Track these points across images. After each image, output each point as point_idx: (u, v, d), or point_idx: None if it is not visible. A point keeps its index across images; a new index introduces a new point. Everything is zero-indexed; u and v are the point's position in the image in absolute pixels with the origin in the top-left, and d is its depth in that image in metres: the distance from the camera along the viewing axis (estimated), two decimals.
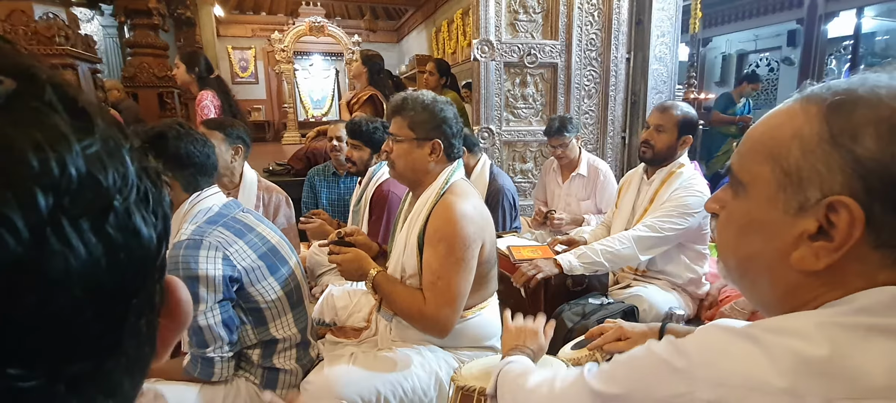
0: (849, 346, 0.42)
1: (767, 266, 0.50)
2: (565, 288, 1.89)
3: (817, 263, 0.46)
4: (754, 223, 0.51)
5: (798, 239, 0.47)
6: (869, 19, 8.14)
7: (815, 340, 0.42)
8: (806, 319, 0.45)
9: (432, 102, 1.35)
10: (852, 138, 0.43)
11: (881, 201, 0.43)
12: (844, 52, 8.87)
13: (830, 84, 0.48)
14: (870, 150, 0.43)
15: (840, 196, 0.44)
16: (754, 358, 0.44)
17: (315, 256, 2.35)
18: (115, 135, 0.23)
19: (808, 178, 0.46)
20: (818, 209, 0.45)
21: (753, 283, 0.54)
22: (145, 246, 0.23)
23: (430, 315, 1.28)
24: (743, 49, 10.49)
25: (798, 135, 0.47)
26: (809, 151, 0.46)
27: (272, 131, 8.62)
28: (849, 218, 0.43)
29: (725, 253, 0.57)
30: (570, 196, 2.71)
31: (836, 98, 0.46)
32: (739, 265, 0.55)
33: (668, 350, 0.50)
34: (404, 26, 8.59)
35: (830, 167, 0.44)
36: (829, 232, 0.45)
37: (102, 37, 6.92)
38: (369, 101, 3.35)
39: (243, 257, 1.27)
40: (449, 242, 1.26)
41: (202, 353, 1.23)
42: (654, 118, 1.89)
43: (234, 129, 2.00)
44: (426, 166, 1.36)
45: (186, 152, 1.27)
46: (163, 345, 0.30)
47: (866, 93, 0.45)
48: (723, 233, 0.56)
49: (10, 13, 4.31)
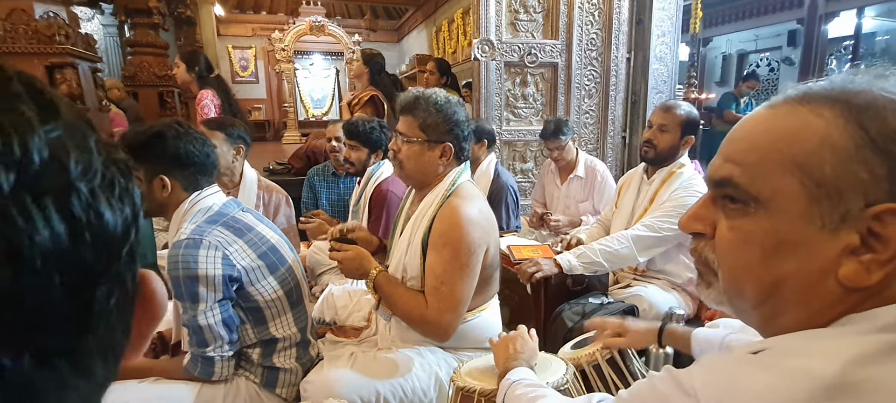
0: (868, 367, 0.39)
1: (803, 287, 0.46)
2: (565, 287, 1.89)
3: (870, 278, 0.42)
4: (786, 244, 0.45)
5: (840, 255, 0.43)
6: (869, 19, 8.13)
7: (832, 362, 0.40)
8: (819, 341, 0.43)
9: (446, 103, 1.31)
10: (895, 141, 0.41)
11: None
12: (845, 52, 8.87)
13: (818, 85, 0.46)
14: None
15: (891, 204, 0.40)
16: (767, 387, 0.41)
17: (315, 255, 2.35)
18: (80, 126, 0.24)
19: (848, 188, 0.42)
20: (862, 220, 0.42)
21: (773, 309, 0.48)
22: (109, 228, 0.24)
23: (432, 319, 1.27)
24: (743, 49, 10.49)
25: (827, 141, 0.43)
26: (848, 159, 0.42)
27: (272, 130, 8.62)
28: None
29: (742, 280, 0.49)
30: (569, 197, 2.71)
31: (853, 97, 0.43)
32: (764, 290, 0.48)
33: (672, 387, 0.47)
34: (405, 26, 8.59)
35: (875, 174, 0.41)
36: (870, 244, 0.42)
37: (103, 36, 6.92)
38: (370, 102, 3.34)
39: (243, 256, 1.27)
40: (454, 247, 1.25)
41: (202, 352, 1.23)
42: (658, 117, 1.88)
43: (235, 129, 2.01)
44: (435, 169, 1.34)
45: (186, 152, 1.27)
46: (139, 336, 0.30)
47: (880, 93, 0.43)
48: (736, 258, 0.49)
49: (10, 12, 4.30)
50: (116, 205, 0.25)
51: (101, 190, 0.24)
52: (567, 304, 1.79)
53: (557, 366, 1.14)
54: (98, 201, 0.23)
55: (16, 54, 4.29)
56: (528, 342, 1.09)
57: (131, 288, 0.28)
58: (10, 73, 0.23)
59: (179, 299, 1.21)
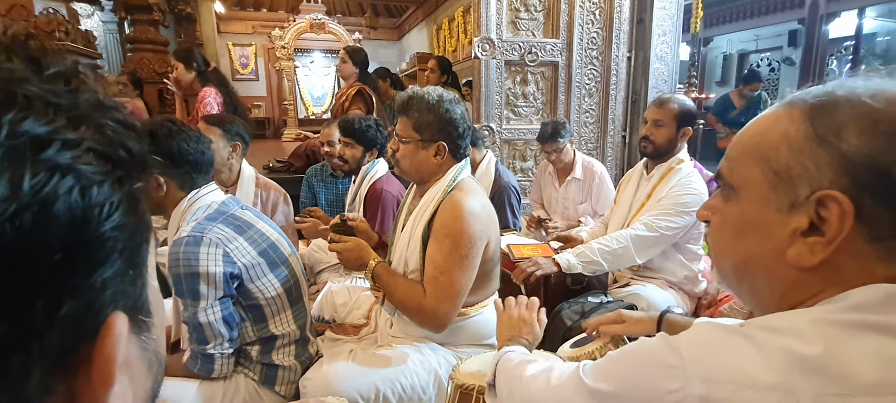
0: (840, 343, 0.42)
1: (765, 265, 0.51)
2: (564, 286, 1.89)
3: (813, 258, 0.47)
4: (748, 224, 0.52)
5: (792, 237, 0.48)
6: (870, 20, 8.12)
7: (809, 338, 0.43)
8: (799, 317, 0.46)
9: (437, 103, 1.32)
10: (837, 135, 0.46)
11: (870, 194, 0.44)
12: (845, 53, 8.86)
13: (811, 89, 0.50)
14: (854, 145, 0.45)
15: (829, 190, 0.45)
16: (747, 355, 0.45)
17: (314, 254, 2.35)
18: None
19: (797, 176, 0.48)
20: (809, 205, 0.47)
21: (752, 285, 0.55)
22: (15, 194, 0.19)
23: (430, 309, 1.28)
24: (744, 49, 10.49)
25: (785, 137, 0.49)
26: (797, 150, 0.48)
27: (272, 128, 8.61)
28: (839, 212, 0.45)
29: (721, 258, 0.57)
30: (567, 199, 2.70)
31: (817, 100, 0.48)
32: (737, 268, 0.55)
33: (660, 346, 0.51)
34: (405, 23, 8.58)
35: (818, 164, 0.46)
36: (820, 228, 0.46)
37: (102, 32, 6.90)
38: (358, 96, 3.34)
39: (243, 254, 1.27)
40: (454, 238, 1.26)
41: (202, 350, 1.23)
42: (652, 113, 1.89)
43: (234, 126, 2.00)
44: (431, 167, 1.36)
45: (179, 150, 1.25)
46: None
47: (845, 93, 0.47)
48: (717, 238, 0.57)
49: (10, 8, 4.30)
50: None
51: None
52: (566, 303, 1.79)
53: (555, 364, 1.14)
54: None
55: None
56: (534, 329, 1.08)
57: (57, 337, 0.20)
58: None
59: (180, 296, 1.22)
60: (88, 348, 0.22)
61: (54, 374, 0.21)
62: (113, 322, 0.23)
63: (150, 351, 0.29)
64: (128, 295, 0.25)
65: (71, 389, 0.22)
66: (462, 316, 1.40)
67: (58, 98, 0.22)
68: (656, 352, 0.51)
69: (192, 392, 1.26)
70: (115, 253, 0.23)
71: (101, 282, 0.22)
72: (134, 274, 0.25)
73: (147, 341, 0.28)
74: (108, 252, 0.22)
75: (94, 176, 0.22)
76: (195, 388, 1.27)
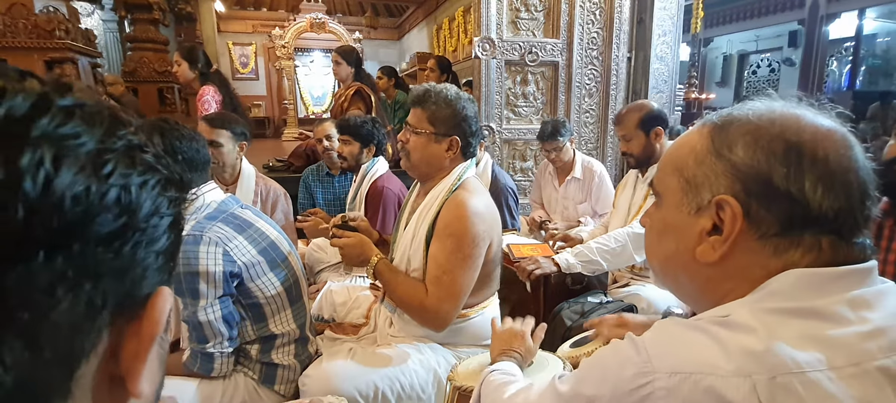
0: (778, 330, 0.48)
1: (682, 263, 0.59)
2: (564, 286, 1.89)
3: (714, 254, 0.54)
4: (668, 227, 0.60)
5: (700, 236, 0.55)
6: (870, 21, 8.13)
7: (751, 328, 0.49)
8: (739, 309, 0.52)
9: (455, 98, 1.33)
10: (729, 149, 0.53)
11: (756, 198, 0.52)
12: (845, 54, 8.87)
13: (720, 111, 0.59)
14: (741, 157, 0.52)
15: (724, 195, 0.53)
16: (706, 346, 0.50)
17: (314, 253, 2.35)
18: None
19: (701, 184, 0.55)
20: (710, 208, 0.54)
21: (676, 281, 0.62)
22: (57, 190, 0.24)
23: (431, 307, 1.28)
24: (744, 49, 10.49)
25: (693, 150, 0.57)
26: (701, 162, 0.56)
27: (272, 127, 8.61)
28: (731, 213, 0.52)
29: (651, 257, 0.66)
30: (567, 199, 2.70)
31: (719, 119, 0.57)
32: (662, 265, 0.63)
33: (627, 346, 0.55)
34: (405, 23, 8.59)
35: (716, 173, 0.54)
36: (720, 228, 0.54)
37: (103, 31, 6.91)
38: (357, 96, 3.32)
39: (243, 252, 1.26)
40: (458, 238, 1.26)
41: (202, 349, 1.23)
42: (618, 131, 1.93)
43: (238, 126, 2.02)
44: (442, 162, 1.36)
45: (170, 148, 1.23)
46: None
47: (740, 113, 0.55)
48: (648, 240, 0.65)
49: (10, 6, 4.30)
50: (85, 175, 0.24)
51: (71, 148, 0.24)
52: (566, 303, 1.79)
53: (555, 365, 1.14)
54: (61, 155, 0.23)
55: (15, 49, 4.29)
56: (526, 341, 1.09)
57: (100, 299, 0.26)
58: None
59: (180, 295, 1.21)
60: (138, 312, 0.29)
61: (108, 325, 0.27)
62: (164, 291, 0.30)
63: (164, 349, 0.34)
64: (168, 279, 0.32)
65: (116, 344, 0.28)
66: (462, 317, 1.40)
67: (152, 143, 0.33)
68: (625, 352, 0.55)
69: (191, 390, 1.26)
70: (169, 240, 0.30)
71: (158, 258, 0.29)
72: (172, 265, 0.32)
73: (164, 338, 0.33)
74: (165, 235, 0.30)
75: (166, 180, 0.30)
76: (194, 387, 1.27)
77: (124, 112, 0.30)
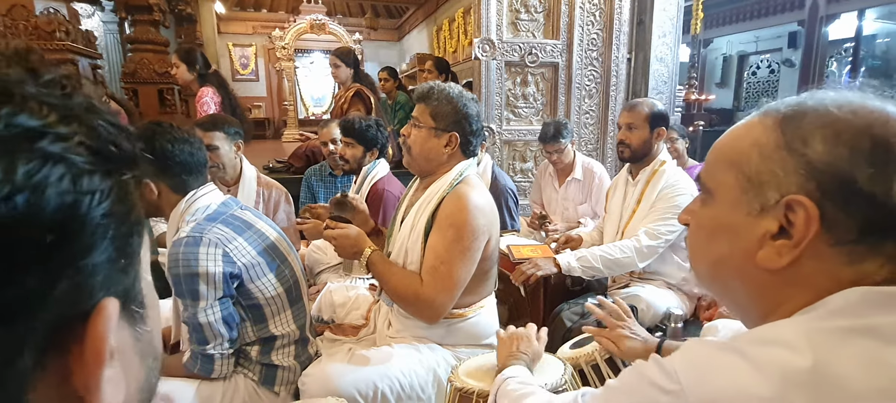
0: (828, 352, 0.43)
1: (737, 267, 0.53)
2: (564, 287, 1.89)
3: (780, 260, 0.48)
4: (721, 227, 0.54)
5: (762, 239, 0.50)
6: (870, 22, 8.13)
7: (800, 350, 0.43)
8: (785, 327, 0.47)
9: (458, 96, 1.36)
10: (803, 143, 0.47)
11: (833, 200, 0.46)
12: (845, 55, 8.87)
13: (785, 100, 0.52)
14: (819, 153, 0.46)
15: (796, 195, 0.47)
16: (742, 371, 0.45)
17: (314, 254, 2.35)
18: None
19: (767, 181, 0.49)
20: (778, 209, 0.48)
21: (725, 287, 0.56)
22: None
23: (426, 298, 1.28)
24: (744, 50, 10.50)
25: (757, 143, 0.51)
26: (768, 157, 0.49)
27: (272, 129, 8.61)
28: (805, 216, 0.46)
29: (697, 260, 0.59)
30: (567, 200, 2.70)
31: (788, 110, 0.50)
32: (711, 269, 0.57)
33: (656, 371, 0.51)
34: (405, 24, 8.59)
35: (786, 170, 0.48)
36: (788, 231, 0.48)
37: (103, 32, 6.91)
38: (357, 97, 3.32)
39: (243, 254, 1.26)
40: (458, 229, 1.27)
41: (202, 350, 1.23)
42: (624, 117, 1.93)
43: (231, 126, 2.03)
44: (440, 157, 1.37)
45: (162, 150, 1.22)
46: None
47: (814, 104, 0.49)
48: (693, 241, 0.59)
49: (10, 7, 4.30)
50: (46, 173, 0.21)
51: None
52: (566, 304, 1.79)
53: (556, 366, 1.14)
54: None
55: None
56: (532, 343, 1.10)
57: (17, 330, 0.21)
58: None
59: (180, 297, 1.21)
60: (81, 330, 0.24)
61: (47, 352, 0.23)
62: (104, 305, 0.25)
63: (143, 342, 0.30)
64: (119, 282, 0.26)
65: (64, 367, 0.24)
66: (460, 316, 1.40)
67: (52, 99, 0.24)
68: (654, 379, 0.51)
69: (191, 392, 1.26)
70: (105, 240, 0.24)
71: (92, 267, 0.24)
72: (125, 263, 0.27)
73: (141, 332, 0.30)
74: (98, 237, 0.24)
75: (85, 166, 0.23)
76: (194, 388, 1.27)
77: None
